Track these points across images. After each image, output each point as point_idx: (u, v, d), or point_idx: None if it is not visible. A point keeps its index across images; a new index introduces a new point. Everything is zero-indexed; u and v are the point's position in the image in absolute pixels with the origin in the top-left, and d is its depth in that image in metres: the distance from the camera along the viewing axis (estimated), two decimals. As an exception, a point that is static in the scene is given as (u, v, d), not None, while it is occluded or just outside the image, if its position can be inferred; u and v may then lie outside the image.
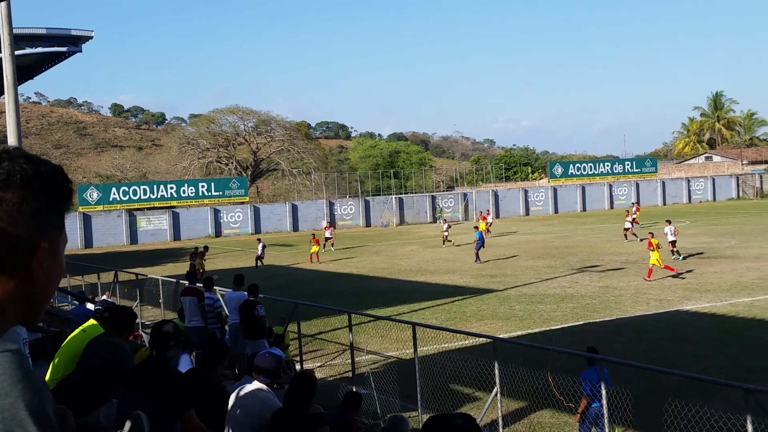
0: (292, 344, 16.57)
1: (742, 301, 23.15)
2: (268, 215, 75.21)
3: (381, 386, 13.56)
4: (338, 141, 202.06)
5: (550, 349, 11.48)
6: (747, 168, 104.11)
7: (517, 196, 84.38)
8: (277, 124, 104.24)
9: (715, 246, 39.14)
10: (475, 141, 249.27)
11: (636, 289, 26.42)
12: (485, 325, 21.19)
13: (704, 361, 16.09)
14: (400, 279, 33.05)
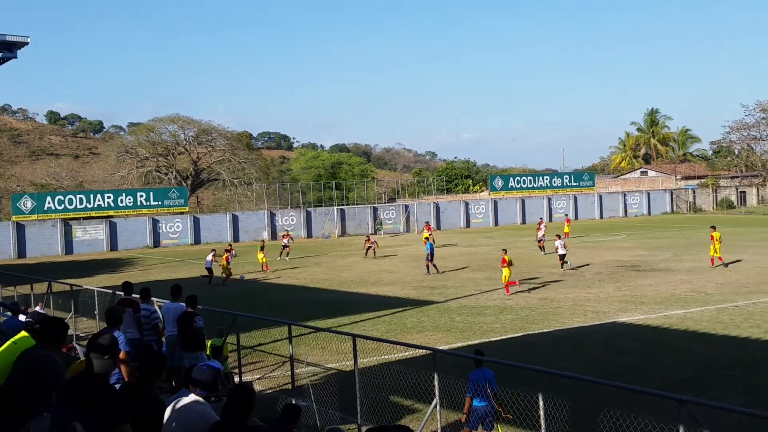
0: (231, 356, 16.39)
1: (676, 313, 23.64)
2: (208, 225, 74.43)
3: (321, 398, 13.49)
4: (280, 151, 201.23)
5: (490, 361, 11.56)
6: (680, 183, 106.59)
7: (458, 209, 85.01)
8: (218, 133, 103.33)
9: (649, 259, 39.93)
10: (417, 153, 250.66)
11: (573, 301, 26.79)
12: (425, 336, 21.26)
13: (639, 372, 16.37)
14: (341, 290, 32.98)
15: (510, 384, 11.52)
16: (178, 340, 14.90)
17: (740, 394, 14.24)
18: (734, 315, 22.76)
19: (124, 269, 48.31)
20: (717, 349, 18.55)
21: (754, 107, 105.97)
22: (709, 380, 15.66)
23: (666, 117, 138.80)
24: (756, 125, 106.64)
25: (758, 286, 28.47)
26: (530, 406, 10.74)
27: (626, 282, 31.15)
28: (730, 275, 31.87)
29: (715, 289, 28.10)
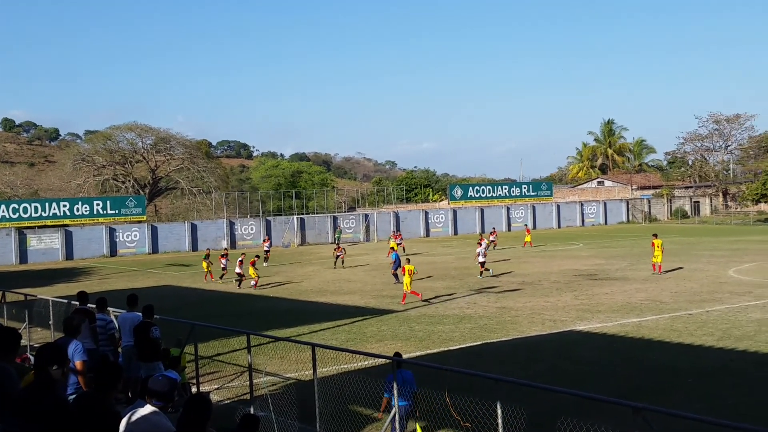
0: (188, 366, 16.25)
1: (631, 321, 23.95)
2: (166, 234, 73.65)
3: (279, 408, 13.42)
4: (240, 160, 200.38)
5: (448, 370, 11.59)
6: (636, 193, 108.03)
7: (417, 218, 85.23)
8: (176, 142, 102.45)
9: (606, 268, 40.40)
10: (377, 162, 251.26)
11: (532, 309, 27.00)
12: (385, 345, 21.27)
13: (595, 380, 16.56)
14: (300, 299, 32.88)
15: (468, 393, 11.57)
16: (135, 350, 14.75)
17: (694, 401, 14.47)
18: (688, 323, 23.11)
19: (81, 279, 47.64)
20: (671, 357, 18.81)
21: (707, 119, 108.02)
22: (664, 388, 15.88)
23: (622, 128, 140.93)
24: (709, 136, 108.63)
25: (711, 294, 28.95)
26: (488, 415, 10.79)
27: (583, 291, 31.47)
28: (684, 284, 32.36)
29: (670, 298, 28.52)
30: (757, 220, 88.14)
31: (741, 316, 23.88)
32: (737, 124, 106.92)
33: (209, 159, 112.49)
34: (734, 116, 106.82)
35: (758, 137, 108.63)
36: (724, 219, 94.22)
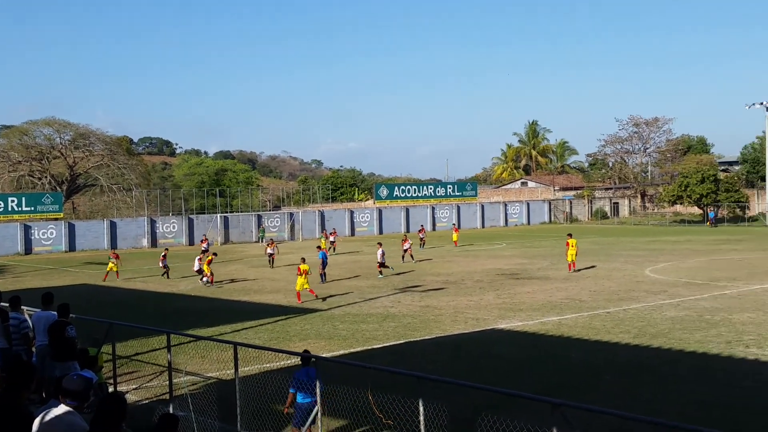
0: (106, 366, 15.89)
1: (552, 319, 24.38)
2: (83, 232, 71.91)
3: (200, 408, 13.23)
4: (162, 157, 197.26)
5: (371, 368, 11.60)
6: (558, 194, 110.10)
7: (343, 217, 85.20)
8: (96, 138, 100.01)
9: (528, 267, 41.05)
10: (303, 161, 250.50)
11: (455, 308, 27.24)
12: (308, 344, 21.15)
13: (516, 377, 16.79)
14: (223, 298, 32.52)
15: (391, 390, 11.60)
16: (49, 349, 14.35)
17: (611, 397, 14.79)
18: (606, 321, 23.63)
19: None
20: (589, 354, 19.21)
21: (627, 122, 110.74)
22: (582, 384, 16.21)
23: (546, 129, 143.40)
24: (629, 139, 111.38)
25: (628, 293, 29.67)
26: (411, 412, 10.83)
27: (506, 290, 31.91)
28: (603, 283, 33.09)
29: (589, 297, 29.13)
30: (673, 221, 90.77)
31: (656, 315, 24.54)
32: (656, 128, 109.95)
33: (130, 156, 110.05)
34: (653, 120, 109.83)
35: (675, 140, 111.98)
36: (641, 220, 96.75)
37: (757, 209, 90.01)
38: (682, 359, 18.28)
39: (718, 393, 15.16)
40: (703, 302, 26.87)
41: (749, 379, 16.20)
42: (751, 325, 22.20)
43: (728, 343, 19.77)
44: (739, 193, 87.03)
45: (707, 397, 14.84)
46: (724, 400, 14.62)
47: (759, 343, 19.67)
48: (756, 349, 18.90)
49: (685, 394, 15.13)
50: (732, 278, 33.35)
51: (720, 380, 16.21)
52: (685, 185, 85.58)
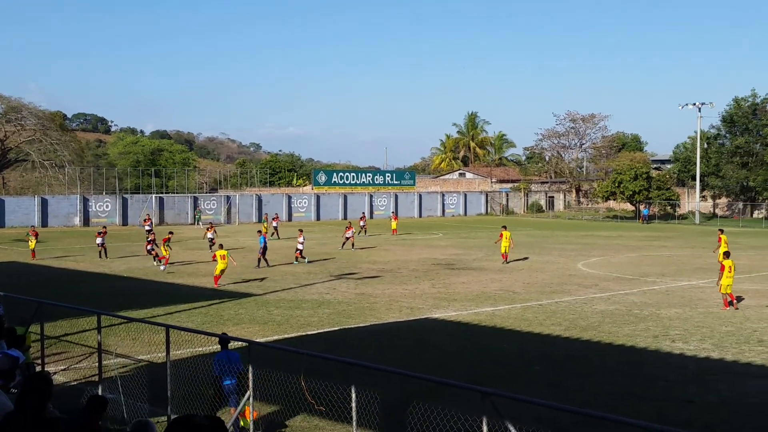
0: (33, 346, 15.56)
1: (485, 310, 24.66)
2: (14, 208, 70.15)
3: (129, 390, 13.07)
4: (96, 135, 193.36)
5: (304, 354, 11.58)
6: (495, 186, 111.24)
7: (280, 201, 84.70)
8: (28, 111, 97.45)
9: (463, 258, 41.42)
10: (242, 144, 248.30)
11: (390, 296, 27.35)
12: (242, 329, 21.06)
13: (448, 366, 16.95)
14: (156, 280, 32.09)
15: (323, 377, 11.61)
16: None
17: (541, 388, 15.04)
18: (538, 313, 24.00)
19: None
20: (521, 345, 19.50)
21: (564, 117, 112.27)
22: (513, 374, 16.45)
23: (485, 121, 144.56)
24: (565, 134, 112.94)
25: (561, 286, 30.16)
26: (342, 398, 10.87)
27: (441, 279, 32.14)
28: (536, 275, 33.57)
29: (522, 289, 29.52)
30: (606, 216, 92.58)
31: (587, 308, 25.00)
32: (592, 124, 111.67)
33: (64, 131, 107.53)
34: (589, 116, 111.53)
35: (610, 137, 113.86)
36: (576, 214, 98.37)
37: (687, 207, 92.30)
38: (611, 352, 18.68)
39: (645, 385, 15.53)
40: (632, 297, 27.46)
41: (674, 373, 16.63)
42: (678, 320, 22.78)
43: (655, 337, 20.26)
44: (671, 191, 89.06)
45: (634, 389, 15.20)
46: (650, 392, 14.99)
47: (684, 337, 20.20)
48: (681, 344, 19.40)
49: (612, 386, 15.48)
50: (661, 274, 34.15)
51: (646, 373, 16.61)
52: (619, 182, 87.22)
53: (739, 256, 43.07)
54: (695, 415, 13.61)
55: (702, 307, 25.15)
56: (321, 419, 12.62)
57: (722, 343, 19.48)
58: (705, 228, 74.39)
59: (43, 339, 14.79)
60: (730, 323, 22.28)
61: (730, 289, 24.91)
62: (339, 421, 11.94)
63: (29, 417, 5.99)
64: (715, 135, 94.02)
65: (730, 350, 18.72)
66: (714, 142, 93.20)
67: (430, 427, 10.79)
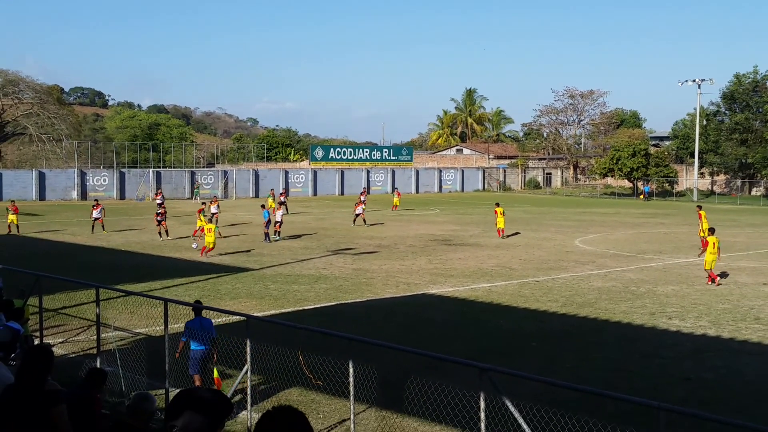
0: (32, 319, 15.59)
1: (482, 286, 24.70)
2: (11, 182, 69.96)
3: (128, 363, 13.11)
4: (94, 109, 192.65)
5: (302, 329, 11.64)
6: (493, 162, 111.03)
7: (277, 177, 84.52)
8: (26, 85, 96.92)
9: (460, 234, 41.45)
10: (239, 119, 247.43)
11: (387, 272, 27.38)
12: (239, 303, 21.11)
13: (445, 342, 17.01)
14: (154, 254, 32.10)
15: (321, 351, 11.66)
16: (-27, 301, 14.00)
17: (537, 363, 15.11)
18: (535, 289, 24.06)
19: None
20: (518, 322, 19.56)
21: (563, 93, 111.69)
22: (510, 350, 16.51)
23: (482, 97, 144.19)
24: (564, 110, 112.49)
25: (557, 263, 30.21)
26: (340, 373, 10.92)
27: (438, 255, 32.17)
28: (533, 252, 33.61)
29: (519, 265, 29.57)
30: (604, 193, 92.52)
31: (584, 284, 25.06)
32: (590, 100, 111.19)
33: (61, 105, 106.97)
34: (588, 92, 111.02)
35: (609, 113, 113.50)
36: (573, 191, 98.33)
37: (685, 185, 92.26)
38: (608, 329, 18.74)
39: (641, 362, 15.61)
40: (629, 274, 27.52)
41: (671, 350, 16.70)
42: (675, 297, 22.85)
43: (652, 314, 20.33)
44: (669, 168, 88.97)
45: (630, 366, 15.27)
46: (646, 369, 15.07)
47: (681, 315, 20.27)
48: (678, 321, 19.47)
49: (608, 363, 15.55)
50: (658, 251, 34.21)
51: (643, 350, 16.68)
52: (617, 158, 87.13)
53: (737, 233, 43.31)
54: (691, 391, 13.69)
55: (699, 284, 25.20)
56: (318, 393, 12.67)
57: (719, 321, 19.56)
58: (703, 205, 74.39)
59: (42, 311, 14.81)
60: (727, 300, 22.35)
61: (714, 265, 25.31)
62: (336, 395, 12.01)
63: (30, 389, 6.01)
64: (715, 112, 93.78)
65: (726, 327, 18.79)
66: (713, 119, 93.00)
67: (428, 402, 10.86)
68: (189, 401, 3.87)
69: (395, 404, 11.65)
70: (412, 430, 11.42)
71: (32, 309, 15.44)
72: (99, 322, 13.69)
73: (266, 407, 11.86)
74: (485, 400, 8.49)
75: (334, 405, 12.36)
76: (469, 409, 10.03)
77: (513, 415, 8.29)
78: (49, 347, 7.16)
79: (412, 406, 11.05)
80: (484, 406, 8.49)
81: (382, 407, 11.76)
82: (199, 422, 3.81)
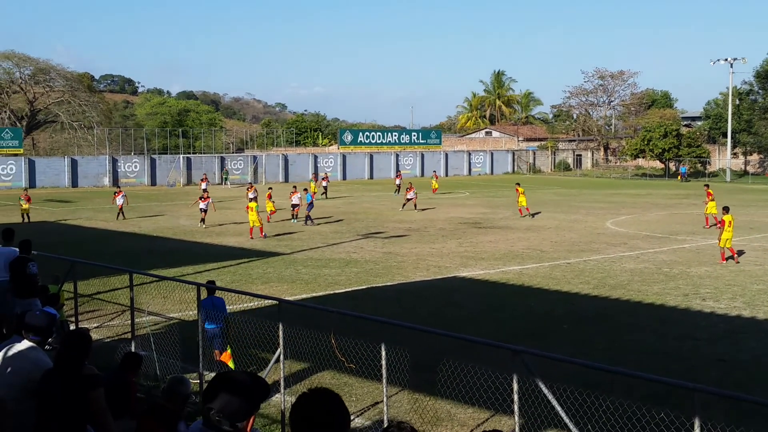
0: (67, 304, 15.79)
1: (513, 269, 24.63)
2: (44, 169, 70.79)
3: (162, 348, 13.24)
4: (124, 96, 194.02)
5: (334, 312, 11.66)
6: (522, 144, 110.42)
7: (306, 161, 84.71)
8: (57, 73, 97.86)
9: (490, 217, 41.32)
10: (267, 104, 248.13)
11: (417, 255, 27.38)
12: (271, 287, 21.22)
13: (476, 324, 16.99)
14: (186, 240, 32.35)
15: (353, 335, 11.69)
16: (10, 286, 14.18)
17: (569, 346, 15.04)
18: (566, 272, 23.93)
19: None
20: (549, 304, 19.48)
21: (593, 74, 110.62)
22: (541, 332, 16.45)
23: (510, 79, 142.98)
24: (594, 92, 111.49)
25: (589, 245, 30.02)
26: (373, 356, 10.94)
27: (468, 238, 32.11)
28: (564, 234, 33.43)
29: (550, 247, 29.43)
30: (635, 175, 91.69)
31: (616, 266, 24.89)
32: (621, 81, 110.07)
33: (92, 93, 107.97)
34: (618, 73, 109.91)
35: (640, 94, 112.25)
36: (604, 172, 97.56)
37: (718, 165, 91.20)
38: (640, 310, 18.61)
39: (675, 344, 15.49)
40: (662, 255, 27.29)
41: (704, 331, 16.56)
42: (708, 278, 22.63)
43: (685, 295, 20.15)
44: (701, 148, 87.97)
45: (664, 348, 15.17)
46: (680, 351, 14.95)
47: (715, 296, 20.07)
48: (712, 302, 19.29)
49: (642, 345, 15.45)
50: (691, 232, 33.88)
51: (676, 332, 16.55)
52: (648, 139, 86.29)
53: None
54: (726, 373, 13.57)
55: (732, 265, 24.94)
56: (351, 377, 12.72)
57: (753, 302, 19.35)
58: (736, 185, 73.60)
59: (77, 297, 14.99)
60: (762, 281, 22.10)
61: (730, 243, 25.50)
62: (369, 378, 12.05)
63: (68, 373, 6.08)
64: (748, 91, 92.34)
65: (761, 308, 18.59)
66: (746, 98, 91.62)
67: (460, 384, 10.86)
68: (226, 384, 3.90)
69: (428, 387, 11.66)
70: (445, 412, 11.43)
71: (67, 294, 15.65)
72: (133, 306, 13.84)
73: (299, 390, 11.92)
74: (518, 382, 8.46)
75: (367, 388, 12.40)
76: (502, 392, 10.02)
77: (546, 397, 8.27)
78: (87, 332, 7.23)
79: (444, 389, 11.06)
80: (517, 388, 8.46)
81: (414, 390, 11.78)
82: (236, 405, 3.84)
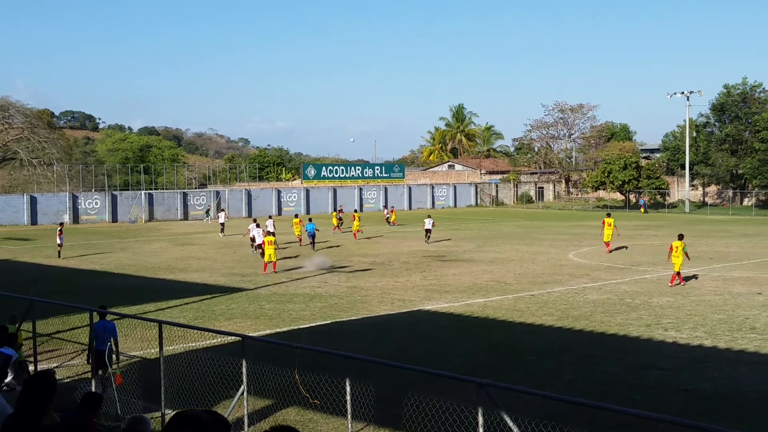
0: (25, 344, 15.49)
1: (477, 301, 24.66)
2: (2, 206, 69.77)
3: (123, 387, 13.02)
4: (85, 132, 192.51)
5: (298, 347, 11.57)
6: (485, 177, 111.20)
7: (270, 196, 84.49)
8: (16, 110, 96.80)
9: (454, 249, 41.42)
10: (230, 139, 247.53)
11: (381, 289, 27.33)
12: (234, 323, 21.02)
13: (442, 358, 16.95)
14: (147, 276, 31.99)
15: (318, 370, 11.60)
16: (-34, 327, 13.90)
17: (535, 378, 15.05)
18: (530, 303, 24.02)
19: None
20: (514, 336, 19.51)
21: (553, 107, 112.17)
22: (507, 365, 16.45)
23: (472, 113, 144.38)
24: (554, 124, 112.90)
25: (552, 276, 30.19)
26: (338, 392, 10.86)
27: (432, 271, 32.13)
28: (527, 266, 33.59)
29: (514, 279, 29.55)
30: (596, 206, 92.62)
31: (579, 297, 25.04)
32: (581, 114, 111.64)
33: (51, 129, 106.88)
34: (578, 106, 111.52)
35: (599, 127, 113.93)
36: (566, 204, 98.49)
37: (677, 196, 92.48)
38: (604, 341, 18.71)
39: (638, 374, 15.57)
40: (624, 286, 27.52)
41: (667, 361, 16.67)
42: (670, 308, 22.84)
43: (648, 326, 20.30)
44: (660, 180, 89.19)
45: (628, 378, 15.23)
46: (644, 381, 15.02)
47: (677, 326, 20.25)
48: (674, 332, 19.45)
49: (606, 375, 15.51)
50: (652, 263, 34.22)
51: (640, 362, 16.64)
52: (608, 171, 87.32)
53: (729, 244, 43.41)
54: (689, 403, 13.65)
55: (694, 295, 25.22)
56: (315, 413, 12.59)
57: (714, 331, 19.54)
58: (695, 216, 74.68)
59: (35, 336, 14.72)
60: (722, 311, 22.35)
61: (678, 268, 27.27)
62: (334, 414, 11.93)
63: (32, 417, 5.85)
64: (704, 123, 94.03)
65: (722, 338, 18.78)
66: (703, 130, 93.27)
67: (426, 418, 10.80)
68: (186, 423, 3.83)
69: (393, 421, 11.58)
70: (411, 447, 11.35)
71: (26, 334, 15.35)
72: (92, 346, 13.60)
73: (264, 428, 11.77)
74: (483, 415, 8.44)
75: (332, 423, 12.28)
76: (468, 425, 9.98)
77: (512, 430, 8.24)
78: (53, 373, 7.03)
79: (410, 423, 10.98)
80: (482, 421, 8.44)
81: (380, 425, 11.69)
82: (196, 443, 3.77)
